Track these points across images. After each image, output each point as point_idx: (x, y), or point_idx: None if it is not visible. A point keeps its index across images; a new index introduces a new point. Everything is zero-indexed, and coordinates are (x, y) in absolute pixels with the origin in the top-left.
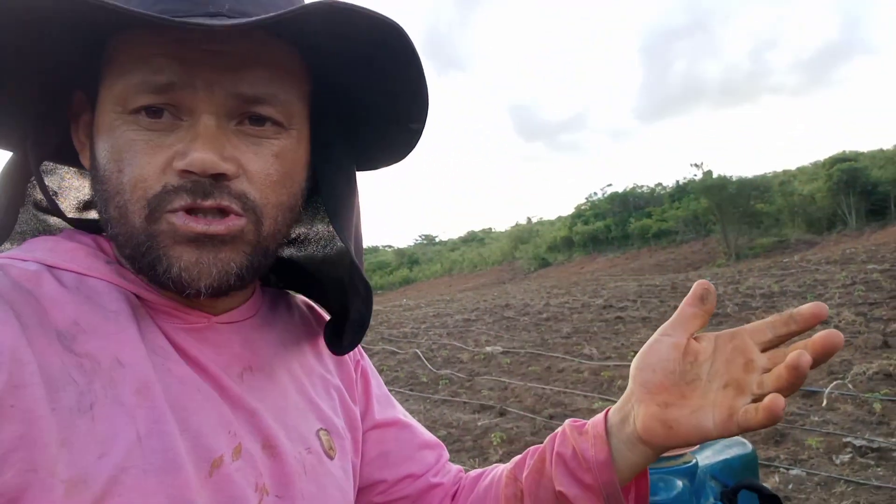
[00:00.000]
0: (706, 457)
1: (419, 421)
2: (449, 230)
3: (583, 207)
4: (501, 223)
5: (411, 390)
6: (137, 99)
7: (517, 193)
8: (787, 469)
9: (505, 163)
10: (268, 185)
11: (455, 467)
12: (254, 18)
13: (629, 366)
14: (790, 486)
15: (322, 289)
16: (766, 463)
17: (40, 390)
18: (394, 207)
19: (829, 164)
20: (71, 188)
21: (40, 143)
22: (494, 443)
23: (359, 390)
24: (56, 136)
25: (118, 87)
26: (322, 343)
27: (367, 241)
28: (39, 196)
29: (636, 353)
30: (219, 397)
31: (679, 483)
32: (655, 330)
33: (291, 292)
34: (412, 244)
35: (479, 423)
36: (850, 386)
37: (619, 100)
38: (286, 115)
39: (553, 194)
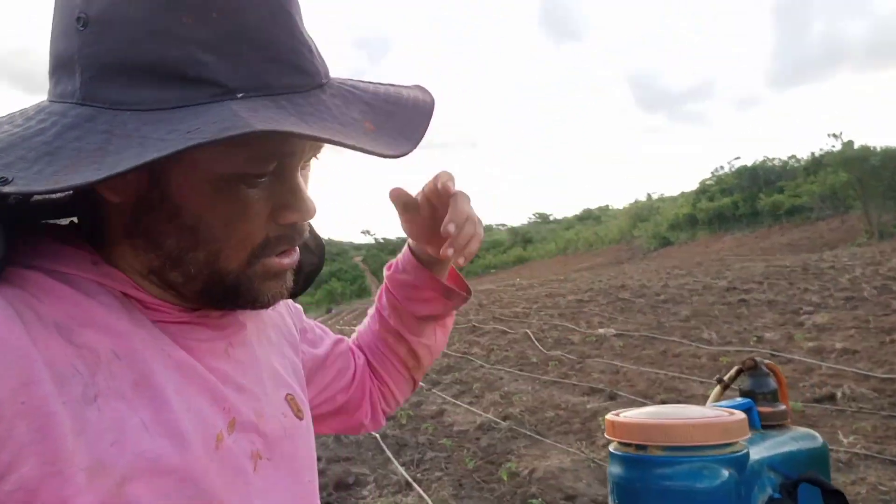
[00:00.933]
0: (767, 447)
1: (528, 401)
2: (564, 208)
3: (708, 182)
4: (619, 200)
5: (521, 370)
6: (258, 166)
7: (636, 168)
8: None
9: (623, 136)
10: None
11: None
12: (410, 146)
13: (751, 352)
14: None
15: None
16: None
17: (49, 386)
18: (507, 185)
19: None
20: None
21: None
22: (603, 426)
23: (299, 343)
24: None
25: (235, 155)
26: (264, 312)
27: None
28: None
29: (759, 338)
30: (212, 377)
31: (725, 472)
32: (781, 315)
33: None
34: (526, 222)
35: (588, 406)
36: None
37: (749, 65)
38: None
39: (675, 169)
